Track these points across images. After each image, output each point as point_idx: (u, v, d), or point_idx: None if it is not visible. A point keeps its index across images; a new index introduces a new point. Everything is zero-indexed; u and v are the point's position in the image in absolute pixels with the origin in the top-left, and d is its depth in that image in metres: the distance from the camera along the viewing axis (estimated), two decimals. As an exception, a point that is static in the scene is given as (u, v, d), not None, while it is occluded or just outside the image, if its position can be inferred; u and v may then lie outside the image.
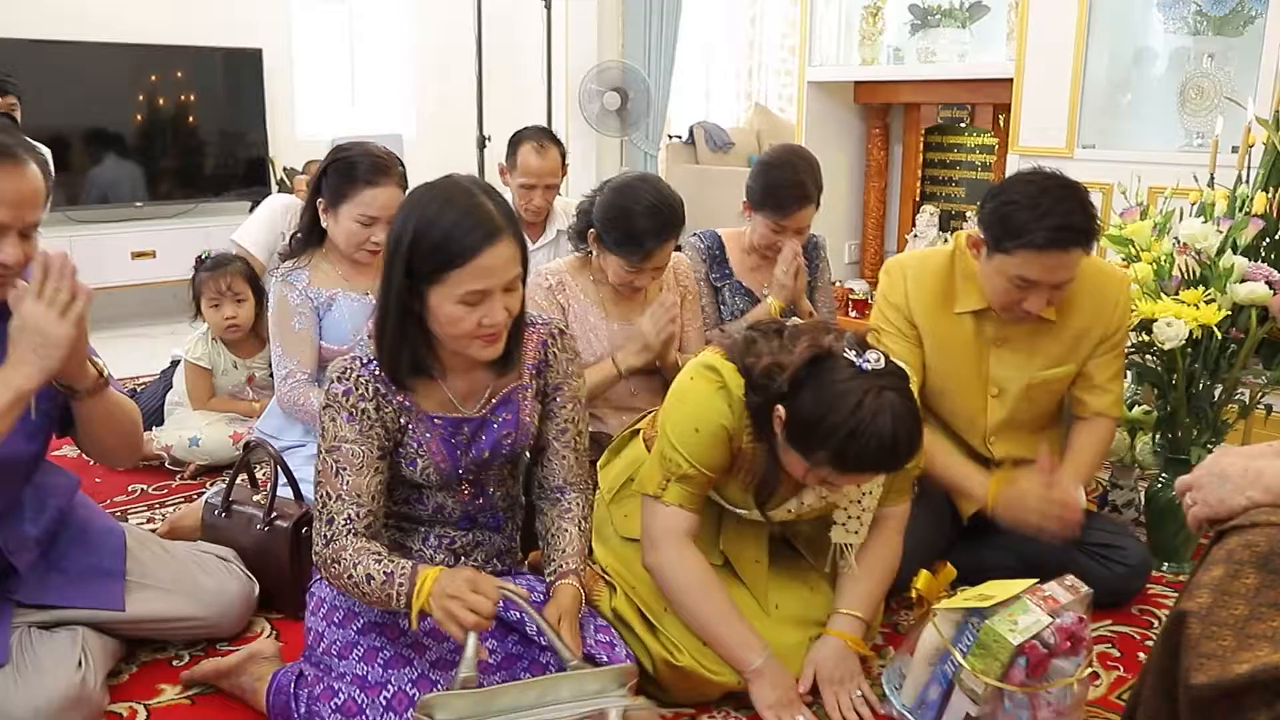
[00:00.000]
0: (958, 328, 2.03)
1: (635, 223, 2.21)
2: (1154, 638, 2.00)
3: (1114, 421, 2.11)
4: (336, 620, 1.61)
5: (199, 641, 1.90)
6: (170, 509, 2.58)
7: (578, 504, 1.70)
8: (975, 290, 1.99)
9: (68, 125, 4.49)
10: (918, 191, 4.49)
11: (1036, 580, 1.63)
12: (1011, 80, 3.55)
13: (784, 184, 2.51)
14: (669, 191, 2.27)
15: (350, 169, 2.27)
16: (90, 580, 1.71)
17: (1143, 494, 2.43)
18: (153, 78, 4.74)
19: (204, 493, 2.48)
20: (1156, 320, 2.10)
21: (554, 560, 1.66)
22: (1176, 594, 2.18)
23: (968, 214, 4.28)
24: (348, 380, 1.52)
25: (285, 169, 5.07)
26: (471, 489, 1.66)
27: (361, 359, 1.54)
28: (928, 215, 4.32)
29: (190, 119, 4.88)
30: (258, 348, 2.95)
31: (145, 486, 2.75)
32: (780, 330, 1.69)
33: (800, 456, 1.57)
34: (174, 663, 1.86)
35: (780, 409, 1.57)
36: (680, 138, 6.69)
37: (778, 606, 1.81)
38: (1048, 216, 1.80)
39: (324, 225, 2.33)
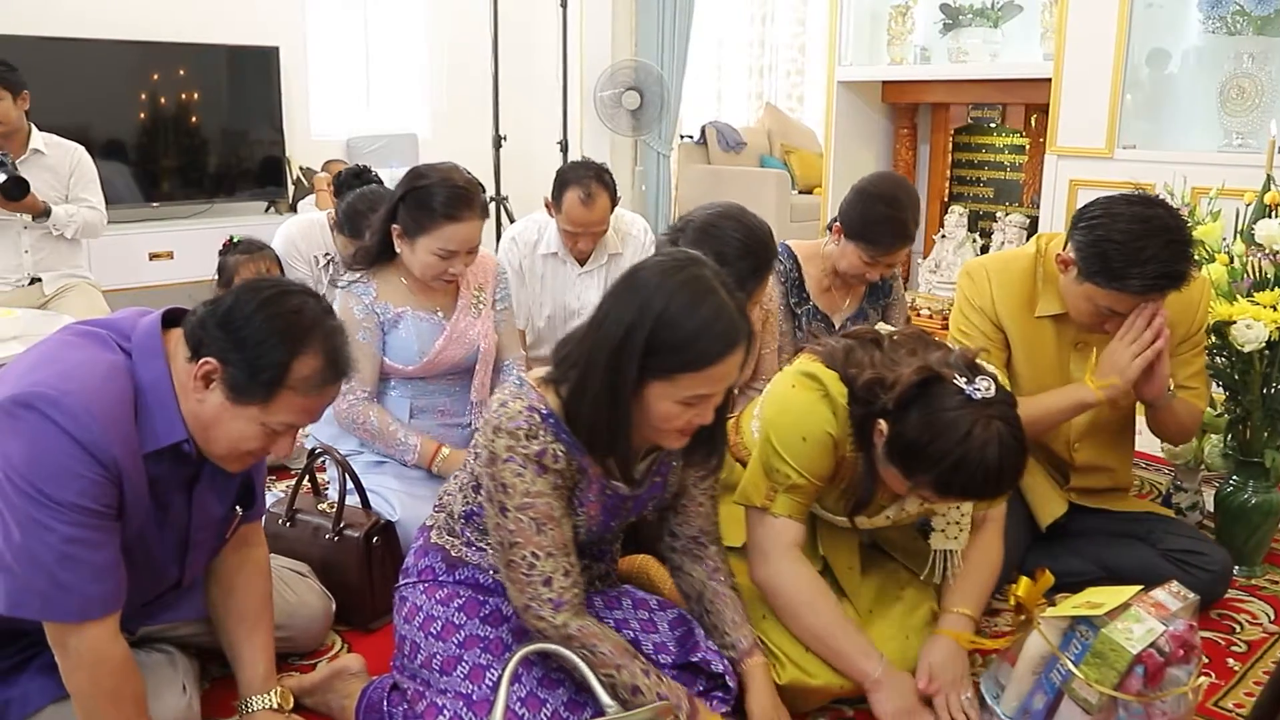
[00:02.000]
0: (1039, 331, 2.00)
1: (729, 269, 2.06)
2: (1238, 643, 2.00)
3: (1200, 411, 2.06)
4: (434, 631, 1.56)
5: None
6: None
7: (721, 558, 1.66)
8: (1055, 295, 1.96)
9: (83, 124, 4.39)
10: (946, 192, 4.47)
11: (1142, 587, 1.60)
12: (1045, 80, 3.53)
13: (886, 220, 2.33)
14: (757, 224, 2.12)
15: (428, 200, 2.15)
16: (198, 589, 1.65)
17: (1208, 497, 2.42)
18: (163, 76, 4.65)
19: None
20: (1234, 323, 2.08)
21: (729, 634, 1.61)
22: (1251, 598, 2.18)
23: (996, 214, 4.26)
24: (538, 438, 1.42)
25: (302, 168, 5.00)
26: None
27: (540, 411, 1.43)
28: (956, 215, 4.30)
29: (205, 118, 4.79)
30: None
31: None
32: (877, 340, 1.66)
33: (901, 475, 1.54)
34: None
35: (883, 424, 1.54)
36: (692, 138, 6.66)
37: (871, 611, 1.79)
38: (1149, 264, 1.74)
39: (397, 250, 2.23)
